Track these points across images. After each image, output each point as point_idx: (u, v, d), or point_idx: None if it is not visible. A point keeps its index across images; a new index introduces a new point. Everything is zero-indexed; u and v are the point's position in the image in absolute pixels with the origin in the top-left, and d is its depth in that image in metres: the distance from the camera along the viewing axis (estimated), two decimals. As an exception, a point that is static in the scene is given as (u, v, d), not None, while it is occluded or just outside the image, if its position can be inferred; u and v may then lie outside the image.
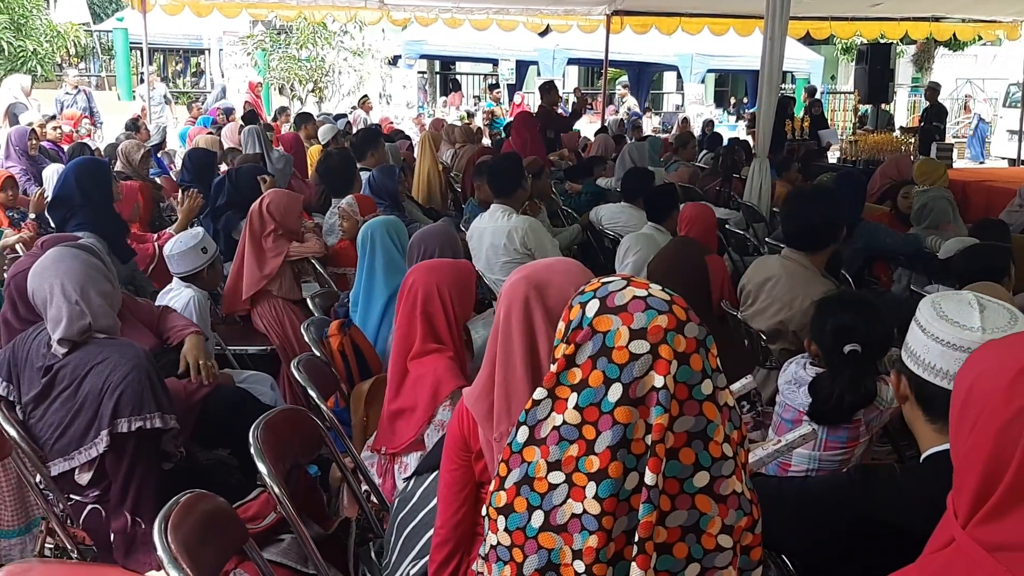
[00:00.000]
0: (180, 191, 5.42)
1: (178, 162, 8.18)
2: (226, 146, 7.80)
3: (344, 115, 12.60)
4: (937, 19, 12.46)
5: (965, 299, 1.48)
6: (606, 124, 12.39)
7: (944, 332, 1.43)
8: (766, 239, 5.45)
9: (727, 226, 5.68)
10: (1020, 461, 0.97)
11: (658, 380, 1.14)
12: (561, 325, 1.25)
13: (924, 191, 5.34)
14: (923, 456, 1.50)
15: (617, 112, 15.77)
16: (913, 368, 1.49)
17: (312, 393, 2.71)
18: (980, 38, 14.32)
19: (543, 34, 13.14)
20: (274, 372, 3.83)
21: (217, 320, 4.09)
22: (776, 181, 6.66)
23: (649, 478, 1.12)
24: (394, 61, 18.04)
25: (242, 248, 4.07)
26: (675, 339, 1.16)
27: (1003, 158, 15.60)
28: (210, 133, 8.94)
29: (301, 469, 2.49)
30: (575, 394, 1.18)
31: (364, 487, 2.53)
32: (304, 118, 9.78)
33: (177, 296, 3.58)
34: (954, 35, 13.58)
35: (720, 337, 1.68)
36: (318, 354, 3.06)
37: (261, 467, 2.05)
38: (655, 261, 4.00)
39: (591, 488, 1.14)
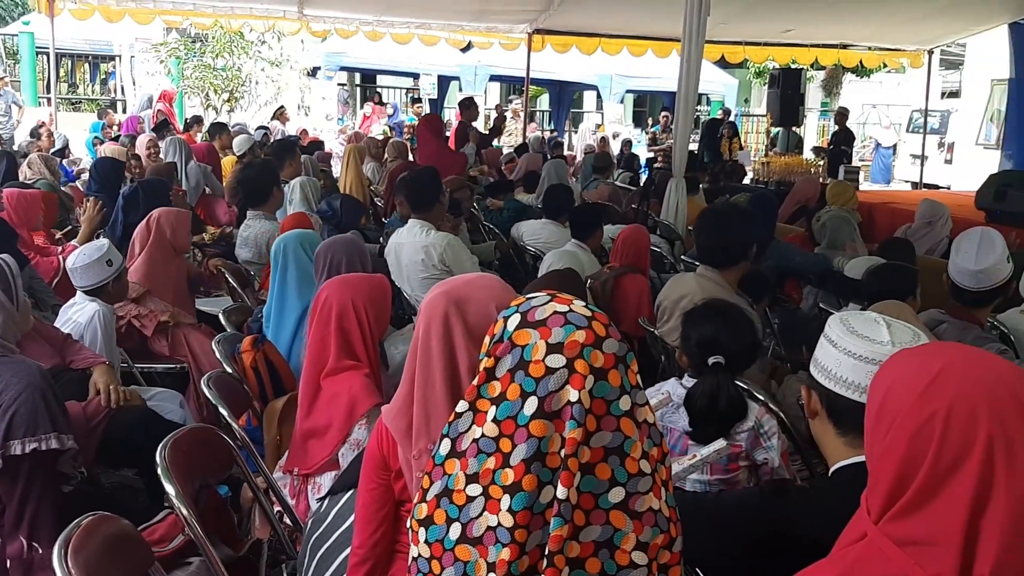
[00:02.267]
0: (84, 201, 5.23)
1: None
2: (142, 157, 7.57)
3: (265, 127, 12.38)
4: (845, 46, 12.97)
5: (871, 317, 1.53)
6: (527, 141, 12.48)
7: (856, 346, 1.47)
8: (682, 257, 5.56)
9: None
10: (931, 463, 1.02)
11: (573, 394, 1.14)
12: (486, 339, 1.26)
13: (826, 211, 5.54)
14: (832, 469, 1.53)
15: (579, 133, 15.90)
16: (824, 382, 1.52)
17: (223, 411, 2.63)
18: (885, 66, 14.96)
19: (465, 50, 13.19)
20: (184, 389, 3.71)
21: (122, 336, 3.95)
22: (691, 199, 6.80)
23: (560, 492, 1.12)
24: (313, 72, 17.82)
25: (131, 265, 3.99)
26: (592, 354, 1.16)
27: (907, 181, 16.29)
28: (114, 139, 8.66)
29: (211, 489, 2.41)
30: (494, 407, 1.18)
31: (277, 508, 2.46)
32: (219, 128, 9.56)
33: (81, 310, 3.45)
34: (861, 62, 14.16)
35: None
36: (230, 370, 2.97)
37: (168, 488, 1.99)
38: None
39: (505, 501, 1.14)
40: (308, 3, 10.76)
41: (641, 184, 8.37)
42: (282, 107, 14.99)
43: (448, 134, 10.14)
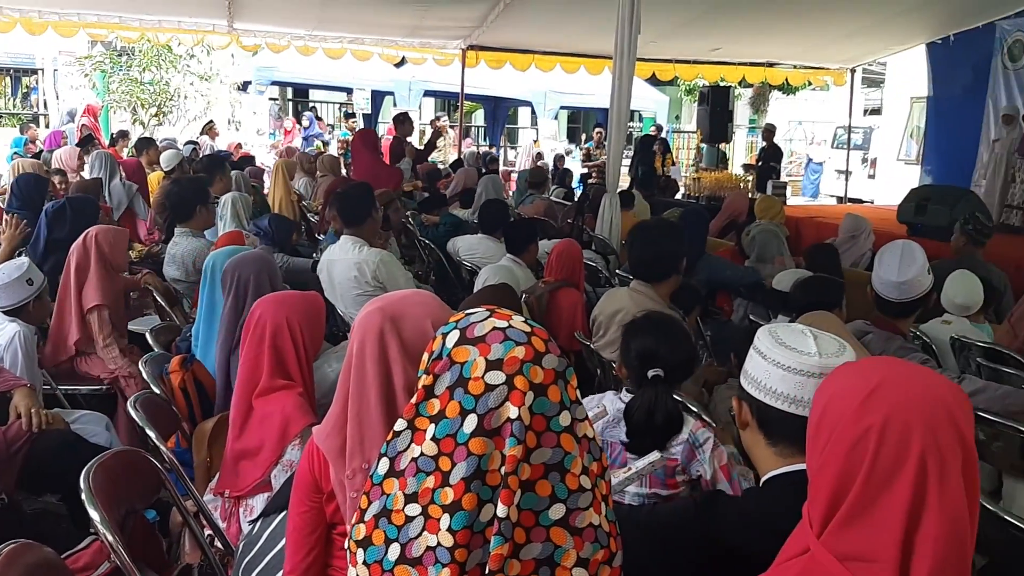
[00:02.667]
0: (4, 218, 5.04)
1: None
2: (67, 172, 7.35)
3: (194, 142, 12.14)
4: (771, 65, 13.31)
5: (799, 329, 1.56)
6: (462, 156, 12.50)
7: (784, 357, 1.50)
8: (617, 271, 5.62)
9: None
10: (865, 477, 1.05)
11: (512, 411, 1.14)
12: (424, 356, 1.25)
13: (756, 225, 5.67)
14: (763, 480, 1.56)
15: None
16: (754, 393, 1.55)
17: (151, 433, 2.56)
18: (810, 83, 15.39)
19: (399, 65, 13.16)
20: (110, 411, 3.60)
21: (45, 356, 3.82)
22: (626, 213, 6.90)
23: (501, 510, 1.12)
24: (244, 87, 17.57)
25: (66, 288, 3.85)
26: (531, 370, 1.16)
27: (832, 196, 16.76)
28: (36, 156, 8.39)
29: (138, 514, 2.33)
30: (433, 425, 1.17)
31: (207, 531, 2.40)
32: (146, 143, 9.34)
33: (0, 331, 3.32)
34: (786, 80, 14.56)
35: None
36: (157, 391, 2.90)
37: (93, 513, 1.92)
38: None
39: (445, 520, 1.13)
40: (238, 17, 10.61)
41: (576, 199, 8.43)
42: (211, 122, 14.73)
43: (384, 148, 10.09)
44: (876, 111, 18.95)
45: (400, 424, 1.22)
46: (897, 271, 3.13)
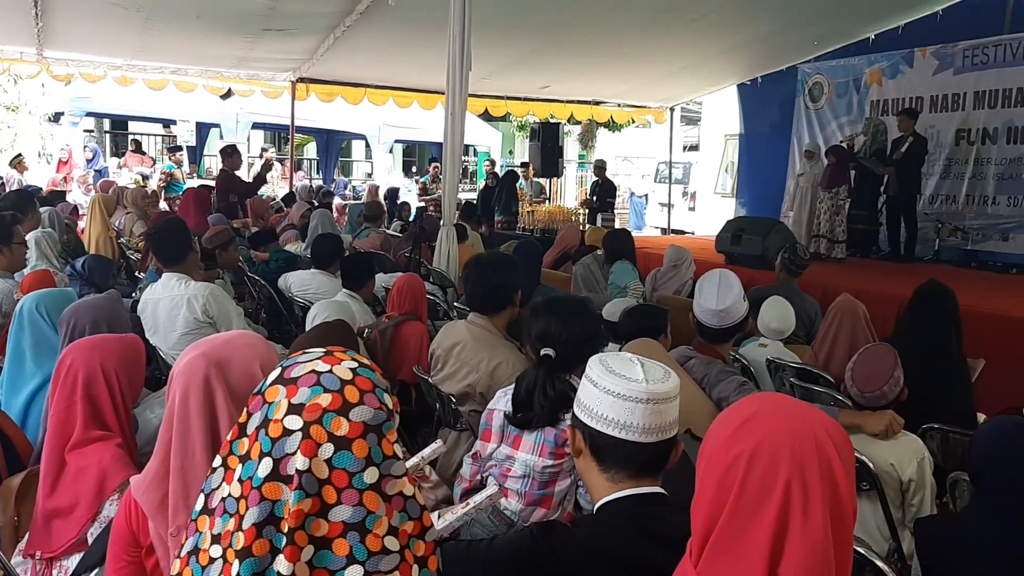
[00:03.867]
0: None
1: None
2: None
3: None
4: (598, 103, 13.88)
5: (627, 356, 1.61)
6: (294, 190, 12.23)
7: (614, 384, 1.54)
8: (455, 303, 5.64)
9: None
10: (734, 503, 1.07)
11: (301, 461, 1.08)
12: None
13: (580, 261, 5.88)
14: (596, 506, 1.59)
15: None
16: (587, 421, 1.58)
17: (-53, 494, 2.32)
18: (634, 121, 16.14)
19: (225, 97, 12.74)
20: None
21: None
22: (463, 246, 6.95)
23: (284, 567, 1.06)
24: (56, 118, 16.48)
25: None
26: (333, 421, 1.10)
27: (656, 227, 17.58)
28: None
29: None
30: (241, 465, 1.12)
31: (14, 600, 2.19)
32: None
33: None
34: (612, 118, 15.21)
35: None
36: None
37: None
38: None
39: (235, 566, 1.07)
40: (48, 44, 9.97)
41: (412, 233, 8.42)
42: (19, 155, 13.72)
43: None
44: (694, 147, 20.10)
45: (217, 460, 1.17)
46: (715, 299, 3.29)
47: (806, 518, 1.04)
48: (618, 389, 1.53)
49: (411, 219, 12.03)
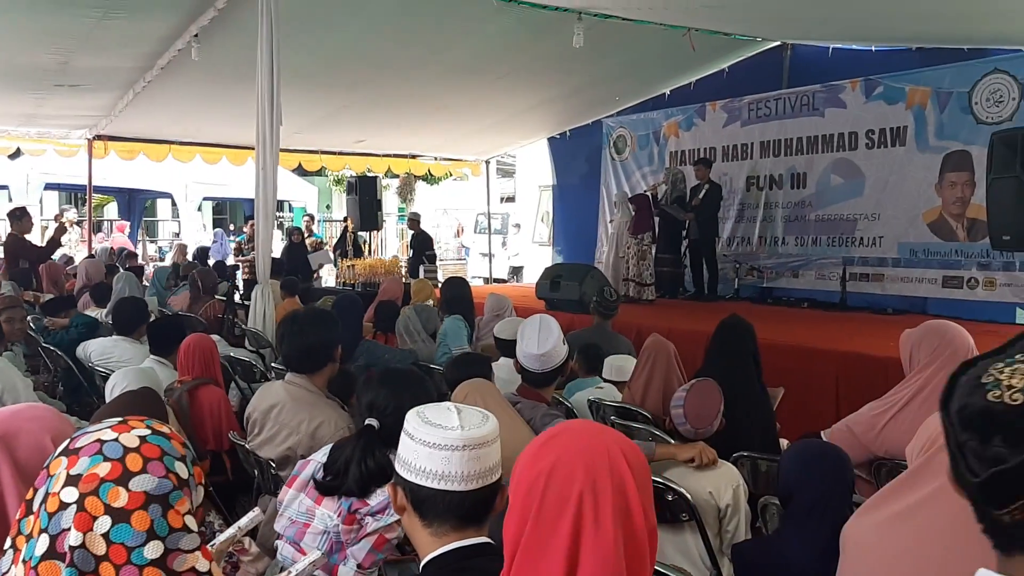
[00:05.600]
0: None
1: None
2: None
3: None
4: (414, 156, 13.98)
5: (444, 406, 1.59)
6: (94, 252, 11.49)
7: (429, 435, 1.52)
8: (273, 364, 5.43)
9: (231, 353, 5.53)
10: (535, 518, 1.10)
11: (74, 537, 1.00)
12: None
13: (410, 307, 5.86)
14: (421, 565, 1.54)
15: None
16: (407, 476, 1.54)
17: None
18: (451, 174, 16.37)
19: (13, 156, 11.84)
20: None
21: None
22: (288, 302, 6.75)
23: None
24: None
25: None
26: (111, 492, 1.02)
27: (478, 277, 17.83)
28: None
29: None
30: (26, 544, 1.04)
31: None
32: None
33: None
34: (429, 171, 15.36)
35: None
36: None
37: None
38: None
39: None
40: None
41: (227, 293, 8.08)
42: None
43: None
44: (511, 199, 20.64)
45: (7, 542, 1.08)
46: (536, 344, 3.35)
47: (597, 529, 1.08)
48: (433, 439, 1.51)
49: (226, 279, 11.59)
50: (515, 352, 3.52)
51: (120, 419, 1.13)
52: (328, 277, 13.15)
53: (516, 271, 18.04)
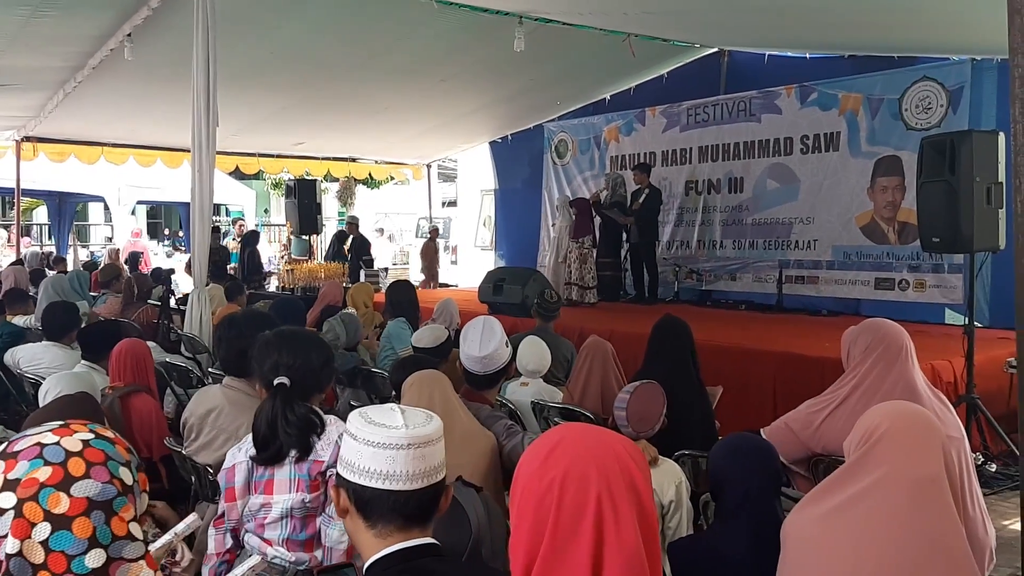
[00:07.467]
0: None
1: None
2: None
3: None
4: (354, 160, 13.86)
5: (387, 406, 1.58)
6: (22, 257, 11.13)
7: (374, 434, 1.50)
8: (210, 369, 5.32)
9: (167, 359, 5.41)
10: (553, 526, 1.10)
11: (11, 544, 0.96)
12: None
13: (348, 311, 5.80)
14: (365, 567, 1.52)
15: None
16: (349, 477, 1.52)
17: None
18: (392, 178, 16.25)
19: (-67, 158, 11.42)
20: None
21: None
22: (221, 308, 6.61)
23: None
24: None
25: None
26: (51, 498, 0.98)
27: (417, 283, 17.73)
28: None
29: None
30: None
31: None
32: None
33: None
34: (370, 175, 15.23)
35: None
36: None
37: None
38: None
39: None
40: None
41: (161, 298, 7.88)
42: None
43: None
44: (452, 203, 20.56)
45: None
46: (479, 346, 3.35)
47: (619, 528, 1.10)
48: (377, 438, 1.49)
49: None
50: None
51: (61, 422, 1.09)
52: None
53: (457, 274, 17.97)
